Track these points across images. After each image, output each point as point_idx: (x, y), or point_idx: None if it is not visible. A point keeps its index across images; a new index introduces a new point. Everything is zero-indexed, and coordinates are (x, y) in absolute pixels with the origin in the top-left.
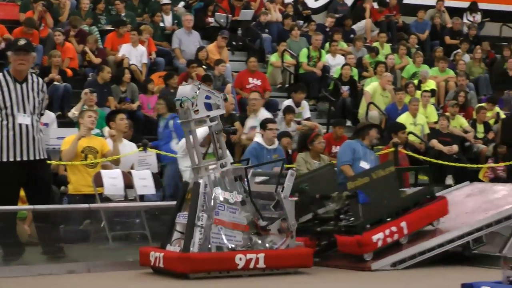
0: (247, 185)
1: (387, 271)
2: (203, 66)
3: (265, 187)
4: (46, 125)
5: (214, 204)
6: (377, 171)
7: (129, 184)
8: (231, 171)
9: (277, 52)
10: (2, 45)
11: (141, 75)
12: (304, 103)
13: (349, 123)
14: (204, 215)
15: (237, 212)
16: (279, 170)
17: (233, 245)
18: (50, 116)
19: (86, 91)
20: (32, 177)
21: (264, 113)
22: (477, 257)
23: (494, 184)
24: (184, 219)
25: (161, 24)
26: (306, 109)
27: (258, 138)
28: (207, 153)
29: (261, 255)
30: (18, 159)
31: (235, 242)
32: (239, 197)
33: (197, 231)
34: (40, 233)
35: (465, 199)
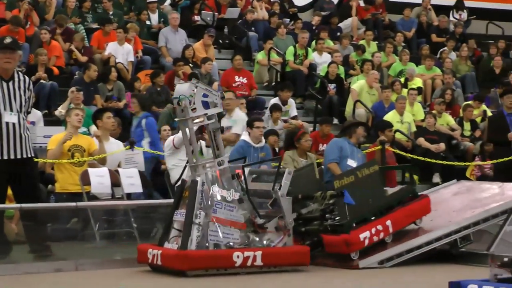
0: (245, 183)
1: (375, 269)
2: (190, 64)
3: (262, 185)
4: (32, 123)
5: (211, 202)
6: (362, 169)
7: (116, 182)
8: (228, 169)
9: (263, 50)
10: None
11: (128, 73)
12: (290, 101)
13: (336, 121)
14: (201, 213)
15: (235, 210)
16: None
17: (230, 243)
18: (36, 114)
19: (72, 89)
20: (19, 175)
21: (239, 113)
22: (464, 255)
23: (481, 182)
24: (181, 217)
25: (148, 22)
26: (293, 107)
27: (245, 136)
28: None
29: (259, 253)
30: (5, 157)
31: (233, 240)
32: (237, 195)
33: (194, 229)
34: (27, 231)
35: (452, 197)
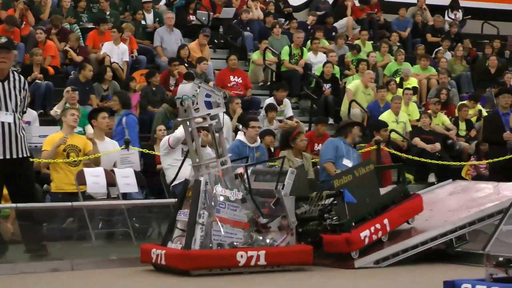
0: (248, 183)
1: (371, 268)
2: (185, 64)
3: (265, 184)
4: (28, 123)
5: (215, 201)
6: (359, 169)
7: (111, 182)
8: (231, 169)
9: (258, 50)
10: None
11: (123, 73)
12: (286, 101)
13: (331, 121)
14: (205, 213)
15: (238, 209)
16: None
17: (234, 242)
18: (32, 114)
19: (68, 89)
20: (15, 175)
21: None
22: (460, 255)
23: (476, 182)
24: (185, 216)
25: (143, 22)
26: (288, 107)
27: (240, 136)
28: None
29: (262, 252)
30: (0, 157)
31: (236, 239)
32: (240, 195)
33: (198, 229)
34: (23, 231)
35: (448, 197)
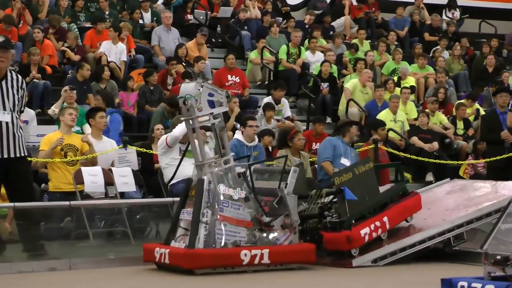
0: (251, 182)
1: (368, 267)
2: (183, 63)
3: (264, 183)
4: (26, 122)
5: (218, 200)
6: (358, 166)
7: (109, 181)
8: (234, 167)
9: (256, 49)
10: None
11: (121, 72)
12: (284, 101)
13: (329, 120)
14: (208, 212)
15: (241, 208)
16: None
17: (237, 241)
18: (29, 113)
19: (66, 88)
20: (13, 174)
21: None
22: (458, 254)
23: (474, 181)
24: (188, 215)
25: (140, 21)
26: (286, 107)
27: (238, 135)
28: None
29: (266, 251)
30: None
31: (240, 238)
32: (243, 194)
33: (202, 228)
34: (20, 230)
35: (445, 196)
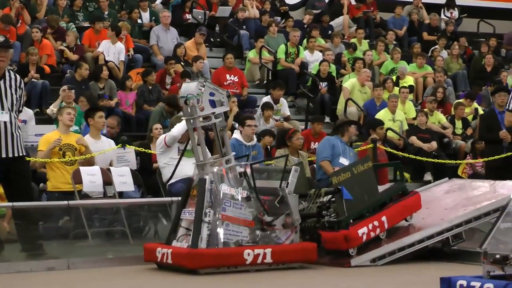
0: (253, 181)
1: (367, 267)
2: (181, 62)
3: (263, 182)
4: (24, 122)
5: (220, 200)
6: (357, 166)
7: (108, 181)
8: (235, 167)
9: (255, 48)
10: None
11: (119, 72)
12: (282, 100)
13: (327, 120)
14: (211, 211)
15: (243, 208)
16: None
17: (240, 240)
18: (28, 113)
19: (64, 88)
20: (11, 174)
21: None
22: (456, 253)
23: (473, 180)
24: (189, 215)
25: (139, 20)
26: (285, 107)
27: (236, 134)
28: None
29: (268, 250)
30: None
31: (242, 237)
32: (244, 193)
33: (204, 227)
34: (19, 230)
35: (444, 195)
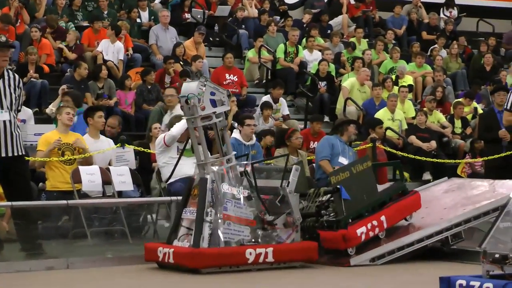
0: (254, 180)
1: (366, 266)
2: (180, 62)
3: (266, 181)
4: (23, 121)
5: (221, 199)
6: (356, 165)
7: (107, 180)
8: (236, 166)
9: (254, 48)
10: None
11: (118, 71)
12: (282, 100)
13: (326, 119)
14: (212, 211)
15: (244, 207)
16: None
17: (241, 239)
18: (27, 112)
19: (63, 87)
20: (10, 174)
21: (180, 111)
22: (455, 253)
23: (472, 179)
24: (191, 214)
25: (138, 20)
26: (284, 106)
27: (236, 134)
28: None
29: (270, 249)
30: None
31: (243, 236)
32: (245, 192)
33: (206, 227)
34: (18, 229)
35: (443, 194)
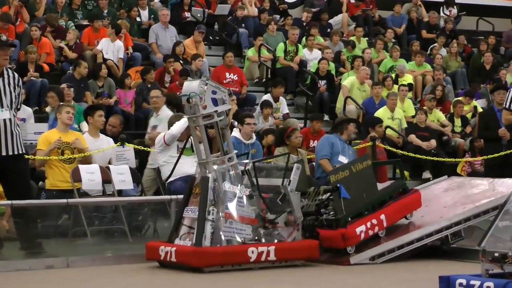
0: (256, 179)
1: (366, 265)
2: (180, 61)
3: (266, 180)
4: (23, 120)
5: (223, 198)
6: (356, 164)
7: (107, 179)
8: (237, 165)
9: (254, 46)
10: None
11: (118, 70)
12: (282, 99)
13: (326, 118)
14: (214, 209)
15: (246, 205)
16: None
17: (243, 238)
18: (27, 111)
19: (63, 86)
20: (10, 172)
21: (166, 112)
22: (455, 251)
23: (472, 178)
24: (192, 213)
25: (138, 19)
26: (284, 105)
27: (235, 133)
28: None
29: (272, 248)
30: None
31: (245, 235)
32: (247, 191)
33: (208, 225)
34: (18, 228)
35: (443, 193)
